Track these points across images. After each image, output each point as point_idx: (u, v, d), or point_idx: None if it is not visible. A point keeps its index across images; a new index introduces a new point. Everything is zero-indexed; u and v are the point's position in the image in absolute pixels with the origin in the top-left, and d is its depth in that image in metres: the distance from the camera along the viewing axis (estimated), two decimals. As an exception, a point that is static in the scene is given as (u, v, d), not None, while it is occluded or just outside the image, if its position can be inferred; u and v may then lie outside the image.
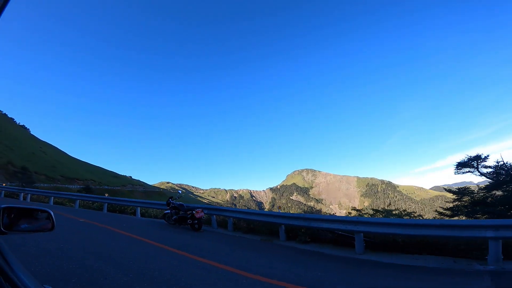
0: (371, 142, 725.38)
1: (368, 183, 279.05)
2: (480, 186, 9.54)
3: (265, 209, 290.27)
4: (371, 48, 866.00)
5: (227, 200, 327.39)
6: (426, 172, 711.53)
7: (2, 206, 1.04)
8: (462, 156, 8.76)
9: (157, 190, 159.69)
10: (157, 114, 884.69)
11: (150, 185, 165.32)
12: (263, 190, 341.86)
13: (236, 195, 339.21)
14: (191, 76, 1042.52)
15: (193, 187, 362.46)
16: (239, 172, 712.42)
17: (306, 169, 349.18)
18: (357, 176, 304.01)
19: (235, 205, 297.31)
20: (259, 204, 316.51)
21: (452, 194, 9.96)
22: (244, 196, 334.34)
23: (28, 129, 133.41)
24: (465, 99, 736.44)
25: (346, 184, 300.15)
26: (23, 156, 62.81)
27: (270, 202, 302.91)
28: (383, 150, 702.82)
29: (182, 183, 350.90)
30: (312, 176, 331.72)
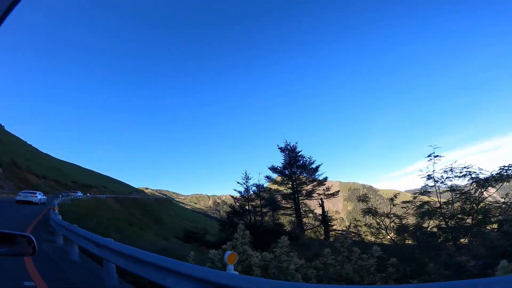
0: (350, 147, 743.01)
1: (350, 188, 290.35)
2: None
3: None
4: (349, 55, 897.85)
5: (210, 206, 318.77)
6: (400, 176, 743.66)
7: None
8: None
9: (163, 198, 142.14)
10: (136, 115, 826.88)
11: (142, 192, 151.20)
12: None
13: (219, 201, 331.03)
14: (174, 78, 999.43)
15: (173, 193, 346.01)
16: (221, 177, 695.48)
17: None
18: (340, 181, 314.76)
19: (219, 211, 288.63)
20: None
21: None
22: (228, 202, 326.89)
23: (3, 126, 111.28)
24: (436, 106, 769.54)
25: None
26: (21, 157, 50.45)
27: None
28: (363, 155, 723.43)
29: (161, 188, 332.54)
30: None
